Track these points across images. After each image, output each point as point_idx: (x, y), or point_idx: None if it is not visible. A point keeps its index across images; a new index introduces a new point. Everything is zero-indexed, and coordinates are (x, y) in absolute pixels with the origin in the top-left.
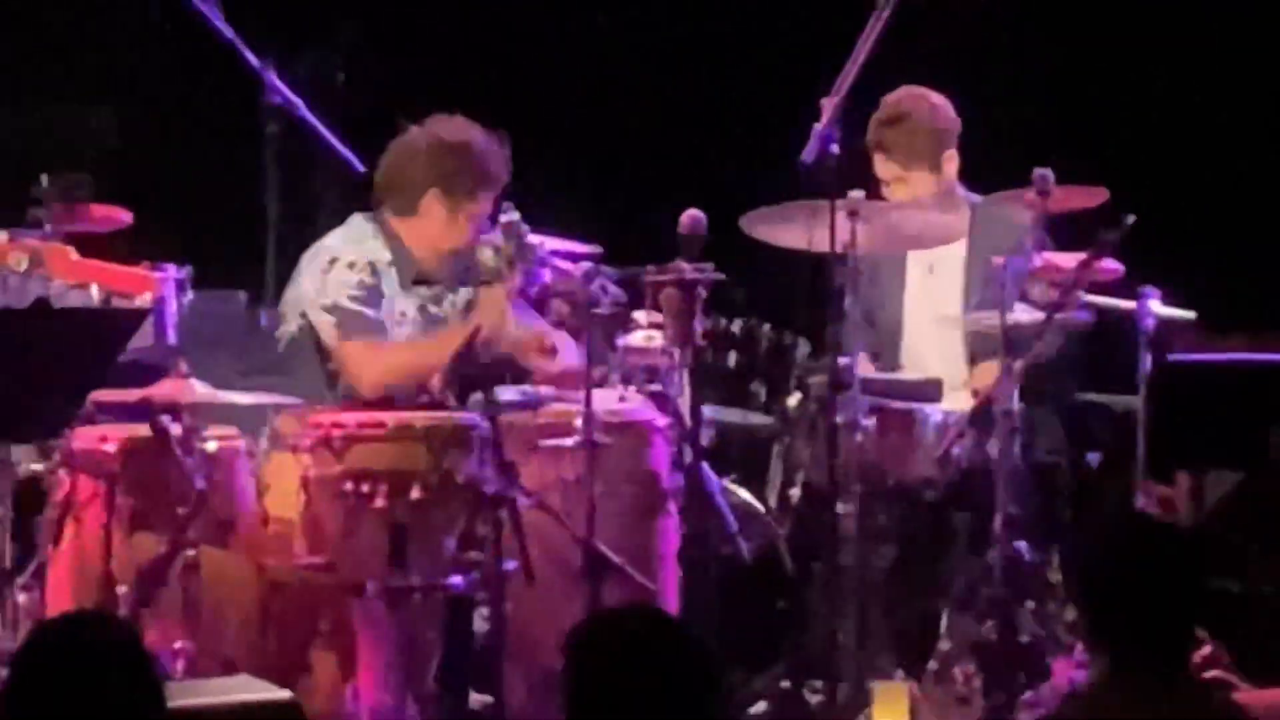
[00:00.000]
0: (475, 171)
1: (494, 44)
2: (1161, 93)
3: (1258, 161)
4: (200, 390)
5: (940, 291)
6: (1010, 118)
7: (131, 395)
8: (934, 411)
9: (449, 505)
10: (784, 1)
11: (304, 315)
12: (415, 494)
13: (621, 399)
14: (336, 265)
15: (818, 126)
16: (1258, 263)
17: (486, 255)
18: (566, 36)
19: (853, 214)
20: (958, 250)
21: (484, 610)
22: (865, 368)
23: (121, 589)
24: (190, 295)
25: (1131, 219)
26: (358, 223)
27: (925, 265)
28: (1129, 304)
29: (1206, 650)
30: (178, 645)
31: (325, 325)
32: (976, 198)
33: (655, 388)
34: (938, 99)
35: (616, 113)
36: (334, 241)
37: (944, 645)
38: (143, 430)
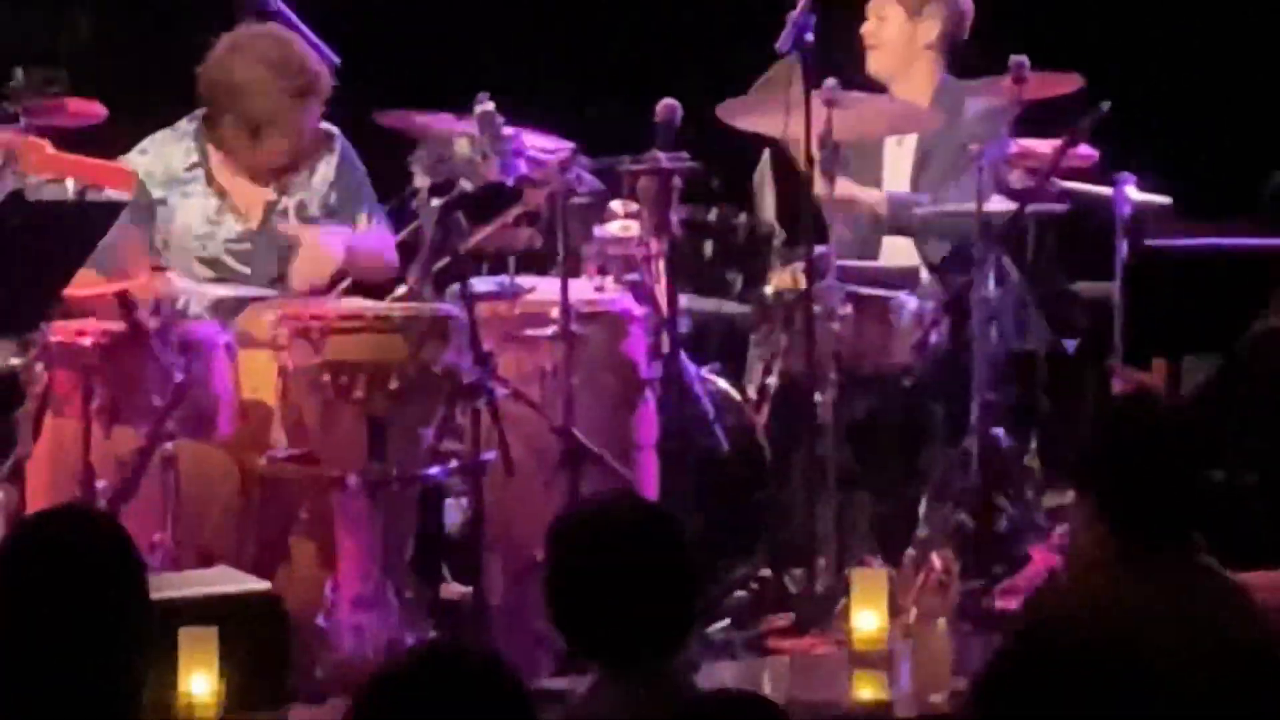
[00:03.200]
0: (264, 105)
1: None
2: None
3: (1232, 46)
4: (177, 283)
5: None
6: (986, 3)
7: (108, 288)
8: (910, 299)
9: (427, 396)
10: None
11: None
12: (394, 385)
13: (599, 289)
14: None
15: (793, 14)
16: (1233, 148)
17: (462, 147)
18: None
19: (829, 103)
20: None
21: (462, 501)
22: None
23: (101, 483)
24: None
25: (1106, 105)
26: (184, 123)
27: (894, 140)
28: (1105, 190)
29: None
30: (156, 538)
31: None
32: (965, 84)
33: (632, 277)
34: None
35: (591, 1)
36: (143, 145)
37: (922, 532)
38: (120, 324)
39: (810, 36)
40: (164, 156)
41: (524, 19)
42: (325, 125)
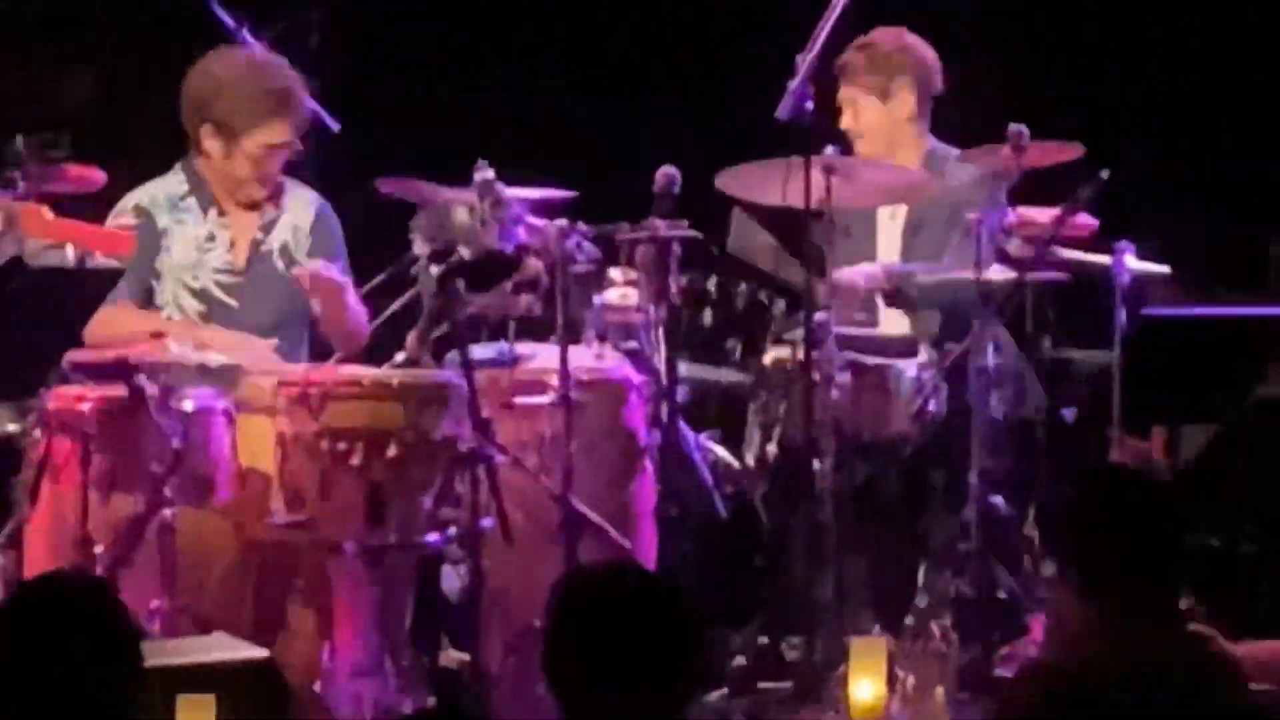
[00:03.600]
0: (239, 105)
1: (469, 2)
2: (1135, 47)
3: (1231, 116)
4: (176, 350)
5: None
6: (985, 72)
7: (107, 355)
8: (909, 367)
9: (426, 463)
10: None
11: None
12: (392, 452)
13: (598, 356)
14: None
15: (792, 83)
16: (1231, 218)
17: (461, 214)
18: None
19: (829, 170)
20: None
21: (461, 568)
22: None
23: (98, 549)
24: None
25: (1106, 174)
26: (170, 171)
27: (888, 213)
28: (1104, 259)
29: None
30: (154, 604)
31: None
32: (953, 151)
33: (631, 345)
34: (915, 41)
35: (591, 70)
36: (139, 188)
37: (921, 600)
38: (119, 390)
39: (809, 105)
40: (161, 186)
41: (523, 87)
42: (298, 183)
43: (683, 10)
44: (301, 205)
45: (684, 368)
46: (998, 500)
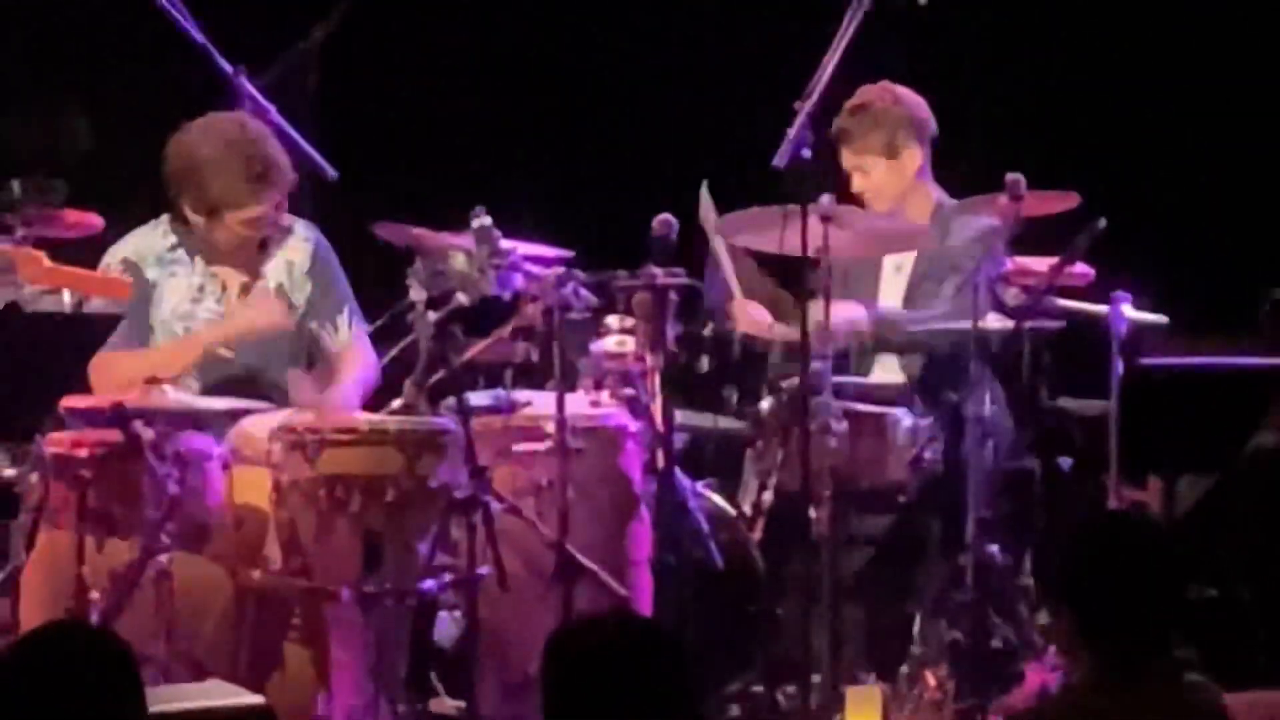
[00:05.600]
0: (219, 185)
1: (465, 49)
2: (1133, 97)
3: (1228, 166)
4: (172, 396)
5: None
6: (983, 122)
7: (104, 400)
8: (905, 415)
9: (422, 510)
10: (757, 4)
11: None
12: (389, 498)
13: (594, 404)
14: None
15: (790, 131)
16: (1228, 267)
17: (458, 260)
18: (538, 39)
19: (825, 219)
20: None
21: (457, 615)
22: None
23: (94, 595)
24: None
25: (1103, 223)
26: (153, 221)
27: (894, 265)
28: (1101, 308)
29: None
30: (150, 651)
31: None
32: (952, 201)
33: (628, 392)
34: (905, 93)
35: (589, 117)
36: (124, 238)
37: (916, 649)
38: (115, 436)
39: (807, 153)
40: (147, 240)
41: (521, 134)
42: (295, 219)
43: (682, 58)
44: (296, 241)
45: (680, 415)
46: (993, 549)
